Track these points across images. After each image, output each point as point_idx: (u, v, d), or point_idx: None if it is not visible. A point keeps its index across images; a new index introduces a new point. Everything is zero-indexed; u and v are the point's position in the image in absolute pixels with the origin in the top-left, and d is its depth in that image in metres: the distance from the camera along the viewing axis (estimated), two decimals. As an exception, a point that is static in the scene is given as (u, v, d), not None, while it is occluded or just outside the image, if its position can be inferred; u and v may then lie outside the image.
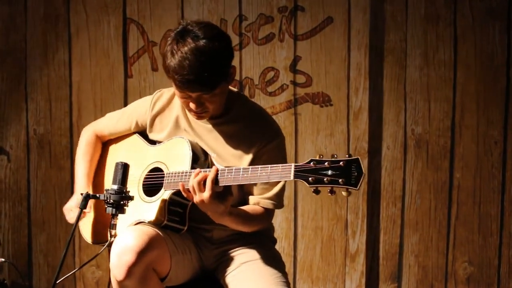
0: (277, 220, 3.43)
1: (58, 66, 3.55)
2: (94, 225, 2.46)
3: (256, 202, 2.31)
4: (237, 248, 2.38)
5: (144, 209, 2.31)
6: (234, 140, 2.31)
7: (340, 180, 1.92)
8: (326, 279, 3.50)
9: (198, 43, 2.14)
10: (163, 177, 2.30)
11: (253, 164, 2.24)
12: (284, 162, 2.27)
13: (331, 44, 3.40)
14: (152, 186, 2.35)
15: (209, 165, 2.30)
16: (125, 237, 2.14)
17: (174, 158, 2.31)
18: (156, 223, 2.26)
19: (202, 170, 2.15)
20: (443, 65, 3.39)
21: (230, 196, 2.13)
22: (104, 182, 2.53)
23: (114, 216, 2.21)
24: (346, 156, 1.93)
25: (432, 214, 3.45)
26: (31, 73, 3.56)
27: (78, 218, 2.24)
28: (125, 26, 3.49)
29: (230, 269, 2.33)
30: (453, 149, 3.43)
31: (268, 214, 2.34)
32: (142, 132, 2.49)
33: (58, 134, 3.58)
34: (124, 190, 2.21)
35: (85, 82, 3.54)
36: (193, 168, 2.23)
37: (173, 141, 2.36)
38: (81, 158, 2.53)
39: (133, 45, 3.50)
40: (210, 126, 2.34)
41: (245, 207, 2.28)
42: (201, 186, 2.10)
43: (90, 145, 2.54)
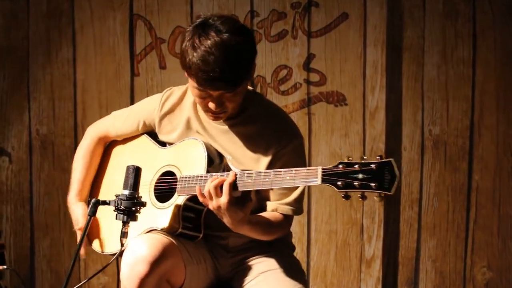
0: (289, 224, 3.38)
1: (62, 64, 3.54)
2: (102, 232, 2.37)
3: (274, 209, 2.22)
4: (254, 256, 2.30)
5: (156, 215, 2.21)
6: (251, 141, 2.22)
7: (372, 184, 1.83)
8: (340, 286, 3.46)
9: (222, 37, 2.03)
10: (176, 181, 2.21)
11: (270, 167, 2.16)
12: (303, 165, 2.20)
13: (346, 40, 3.37)
14: (164, 191, 2.26)
15: (224, 168, 2.21)
16: (137, 246, 2.05)
17: (188, 161, 2.22)
18: (170, 231, 2.17)
19: (219, 174, 2.06)
20: (462, 62, 3.36)
21: (249, 202, 2.04)
22: (104, 186, 2.45)
23: (125, 223, 2.10)
24: (378, 158, 1.85)
25: (450, 218, 3.41)
26: (34, 71, 3.55)
27: (87, 226, 2.15)
28: (131, 22, 3.48)
29: (247, 279, 2.25)
30: (472, 150, 3.39)
31: (287, 221, 2.25)
32: (151, 132, 2.40)
33: (61, 135, 3.57)
34: (136, 196, 2.11)
35: (90, 80, 3.52)
36: (208, 171, 2.15)
37: (185, 142, 2.27)
38: (78, 162, 2.46)
39: (140, 42, 3.48)
40: (226, 127, 2.24)
41: (263, 214, 2.19)
42: (218, 191, 2.01)
43: (90, 148, 2.46)
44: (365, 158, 1.86)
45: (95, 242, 2.39)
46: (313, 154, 3.40)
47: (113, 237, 2.29)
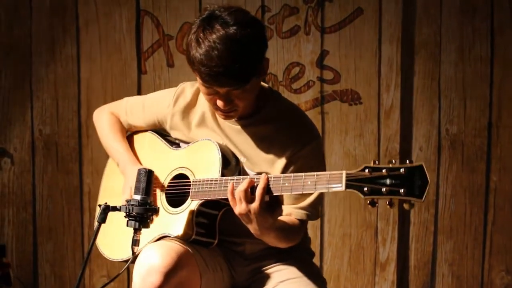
0: (302, 227, 3.36)
1: (66, 62, 3.53)
2: (111, 237, 2.29)
3: (288, 213, 2.14)
4: (273, 264, 2.22)
5: (168, 221, 2.13)
6: (265, 143, 2.14)
7: (401, 190, 1.74)
8: (354, 290, 3.48)
9: (228, 30, 1.95)
10: (189, 185, 2.13)
11: (286, 170, 2.09)
12: (322, 168, 2.13)
13: (361, 37, 3.35)
14: (176, 195, 2.18)
15: (240, 171, 2.14)
16: (149, 255, 1.97)
17: (201, 164, 2.15)
18: (183, 238, 2.09)
19: (241, 178, 1.99)
20: (480, 60, 3.33)
21: (279, 207, 1.96)
22: (106, 189, 2.38)
23: (136, 230, 2.01)
24: (407, 162, 1.77)
25: (467, 220, 3.39)
26: (37, 69, 3.54)
27: (96, 233, 2.05)
28: (138, 19, 3.47)
29: (266, 288, 2.19)
30: (489, 150, 3.36)
31: (302, 226, 2.17)
32: (161, 131, 2.33)
33: (65, 135, 3.55)
34: (148, 201, 2.02)
35: (95, 79, 3.51)
36: (223, 174, 2.07)
37: (199, 143, 2.19)
38: (112, 137, 2.33)
39: (147, 39, 3.47)
40: (239, 127, 2.17)
41: (283, 219, 2.10)
42: (249, 194, 1.92)
43: (116, 124, 2.36)
44: (393, 162, 1.78)
45: (104, 247, 2.32)
46: (326, 154, 3.37)
47: (122, 242, 2.20)
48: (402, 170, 1.75)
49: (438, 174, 3.39)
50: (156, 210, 2.03)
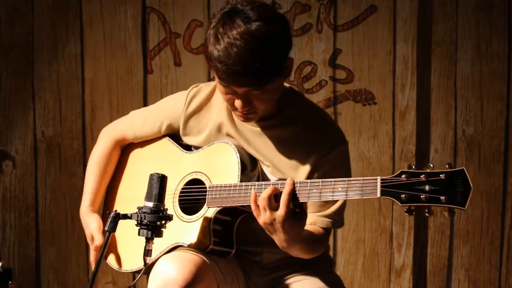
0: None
1: (69, 60, 3.51)
2: (120, 247, 2.21)
3: (312, 222, 2.05)
4: (291, 274, 2.14)
5: (182, 229, 2.04)
6: (288, 146, 2.05)
7: (442, 197, 1.69)
8: (368, 297, 3.45)
9: (250, 26, 1.86)
10: (204, 191, 2.04)
11: (311, 175, 2.00)
12: (348, 173, 2.05)
13: (375, 35, 3.32)
14: (190, 201, 2.09)
15: (258, 176, 2.05)
16: (166, 268, 1.88)
17: (218, 168, 2.06)
18: (199, 247, 2.01)
19: (256, 184, 1.91)
20: (497, 58, 3.30)
21: (305, 216, 1.87)
22: (120, 195, 2.30)
23: (149, 240, 1.93)
24: (447, 166, 1.71)
25: (484, 224, 3.36)
26: (39, 68, 3.52)
27: (106, 243, 1.97)
28: (144, 16, 3.45)
29: (284, 299, 2.11)
30: (507, 151, 3.33)
31: (327, 235, 2.09)
32: (173, 135, 2.24)
33: (69, 137, 3.53)
34: (161, 209, 1.93)
35: (99, 78, 3.49)
36: (241, 180, 1.98)
37: (215, 146, 2.10)
38: (92, 169, 2.30)
39: (153, 37, 3.45)
40: (258, 129, 2.07)
41: (308, 228, 2.01)
42: (272, 202, 1.83)
43: (105, 153, 2.30)
44: (431, 166, 1.71)
45: (111, 257, 2.23)
46: (338, 156, 3.35)
47: (132, 252, 2.12)
48: (442, 176, 1.69)
49: (454, 176, 3.40)
50: (170, 218, 1.95)
